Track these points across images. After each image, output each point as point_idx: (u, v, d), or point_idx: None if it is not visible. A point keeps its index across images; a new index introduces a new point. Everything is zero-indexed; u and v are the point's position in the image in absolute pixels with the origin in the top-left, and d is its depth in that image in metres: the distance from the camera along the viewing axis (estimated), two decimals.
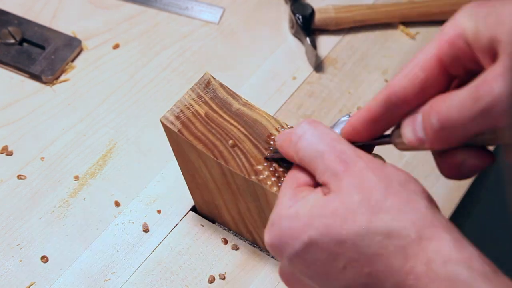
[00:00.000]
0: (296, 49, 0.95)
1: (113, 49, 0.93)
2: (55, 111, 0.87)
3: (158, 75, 0.91)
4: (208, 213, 0.77)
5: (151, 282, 0.73)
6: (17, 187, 0.80)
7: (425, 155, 0.84)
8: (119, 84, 0.90)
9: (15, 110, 0.87)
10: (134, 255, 0.75)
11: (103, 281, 0.73)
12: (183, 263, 0.75)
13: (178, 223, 0.78)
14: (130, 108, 0.88)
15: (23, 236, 0.76)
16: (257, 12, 0.98)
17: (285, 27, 0.96)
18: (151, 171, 0.82)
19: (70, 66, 0.91)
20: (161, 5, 0.98)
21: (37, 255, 0.75)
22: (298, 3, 0.95)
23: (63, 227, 0.77)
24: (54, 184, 0.80)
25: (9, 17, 0.93)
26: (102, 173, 0.82)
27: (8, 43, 0.91)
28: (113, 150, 0.84)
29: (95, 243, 0.76)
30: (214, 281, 0.73)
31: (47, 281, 0.73)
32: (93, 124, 0.86)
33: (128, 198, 0.80)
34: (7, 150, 0.83)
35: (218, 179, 0.68)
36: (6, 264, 0.74)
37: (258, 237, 0.74)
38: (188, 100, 0.67)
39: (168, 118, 0.66)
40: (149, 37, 0.95)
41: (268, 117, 0.66)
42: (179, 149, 0.69)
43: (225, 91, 0.68)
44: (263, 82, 0.91)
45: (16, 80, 0.90)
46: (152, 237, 0.77)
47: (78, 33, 0.94)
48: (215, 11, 0.98)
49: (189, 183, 0.74)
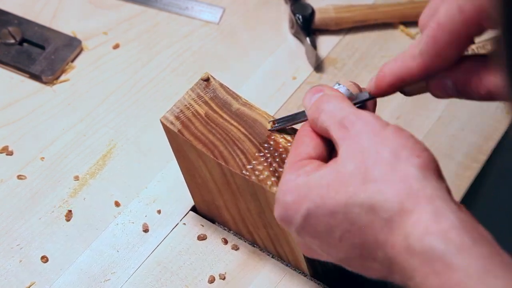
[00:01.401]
0: (296, 49, 0.94)
1: (113, 49, 0.93)
2: (55, 111, 0.87)
3: (158, 75, 0.91)
4: (208, 213, 0.77)
5: (151, 282, 0.73)
6: (17, 187, 0.80)
7: None
8: (119, 84, 0.90)
9: (15, 110, 0.87)
10: (134, 255, 0.75)
11: (103, 281, 0.73)
12: (183, 263, 0.75)
13: (178, 223, 0.78)
14: (130, 108, 0.88)
15: (23, 236, 0.76)
16: (257, 12, 0.98)
17: (285, 27, 0.96)
18: (151, 171, 0.82)
19: (70, 66, 0.91)
20: (161, 5, 0.98)
21: (37, 255, 0.75)
22: (298, 3, 0.95)
23: (63, 227, 0.77)
24: (54, 184, 0.80)
25: (9, 17, 0.93)
26: (102, 173, 0.82)
27: (8, 43, 0.91)
28: (113, 150, 0.84)
29: (95, 243, 0.76)
30: (214, 281, 0.73)
31: (47, 281, 0.73)
32: (93, 124, 0.86)
33: (128, 198, 0.80)
34: (7, 150, 0.83)
35: (218, 179, 0.68)
36: (6, 264, 0.74)
37: (258, 237, 0.74)
38: (188, 100, 0.67)
39: (168, 118, 0.66)
40: (149, 37, 0.95)
41: (268, 117, 0.66)
42: (179, 149, 0.69)
43: (225, 91, 0.68)
44: (263, 82, 0.91)
45: (16, 80, 0.90)
46: (152, 237, 0.77)
47: (78, 33, 0.94)
48: (215, 11, 0.98)
49: (189, 183, 0.74)
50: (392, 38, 0.97)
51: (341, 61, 0.94)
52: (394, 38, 0.97)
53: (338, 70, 0.93)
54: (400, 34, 0.97)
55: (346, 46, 0.95)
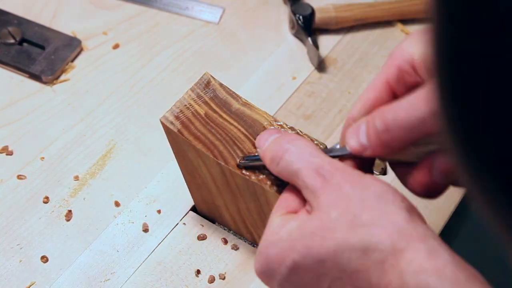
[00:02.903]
0: (296, 49, 0.94)
1: (113, 49, 0.93)
2: (55, 111, 0.87)
3: (158, 75, 0.91)
4: (208, 213, 0.77)
5: (151, 282, 0.73)
6: (17, 187, 0.80)
7: None
8: (119, 84, 0.90)
9: (15, 110, 0.87)
10: (134, 255, 0.75)
11: (103, 281, 0.73)
12: (183, 263, 0.75)
13: (178, 223, 0.78)
14: (130, 108, 0.88)
15: (23, 236, 0.76)
16: (257, 12, 0.98)
17: (285, 27, 0.96)
18: (151, 171, 0.82)
19: (70, 66, 0.91)
20: (161, 5, 0.98)
21: (37, 255, 0.75)
22: (298, 3, 0.95)
23: (63, 227, 0.77)
24: (54, 184, 0.80)
25: (9, 17, 0.93)
26: (102, 173, 0.82)
27: (8, 43, 0.91)
28: (113, 150, 0.84)
29: (95, 243, 0.76)
30: (214, 281, 0.73)
31: (47, 281, 0.73)
32: (93, 124, 0.86)
33: (128, 198, 0.80)
34: (7, 150, 0.83)
35: (218, 179, 0.68)
36: (6, 264, 0.74)
37: (258, 237, 0.74)
38: (188, 100, 0.67)
39: (168, 118, 0.66)
40: (149, 37, 0.95)
41: (268, 117, 0.66)
42: (179, 149, 0.69)
43: (225, 91, 0.68)
44: (263, 82, 0.91)
45: (16, 80, 0.90)
46: (152, 237, 0.77)
47: (78, 33, 0.94)
48: (215, 11, 0.98)
49: (189, 183, 0.74)
50: (392, 38, 0.97)
51: (341, 61, 0.94)
52: (394, 37, 0.97)
53: (338, 70, 0.93)
54: (400, 34, 0.97)
55: (346, 46, 0.95)
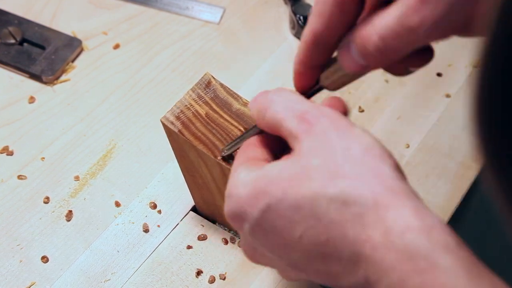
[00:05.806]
0: (296, 49, 0.94)
1: (113, 49, 0.93)
2: (55, 111, 0.87)
3: (158, 75, 0.91)
4: (208, 213, 0.78)
5: (151, 282, 0.73)
6: (17, 187, 0.80)
7: (425, 155, 0.84)
8: (119, 84, 0.90)
9: (15, 110, 0.87)
10: (134, 255, 0.75)
11: (103, 281, 0.73)
12: (183, 263, 0.75)
13: (178, 223, 0.78)
14: (130, 108, 0.88)
15: (23, 236, 0.76)
16: (257, 12, 0.98)
17: (285, 27, 0.97)
18: (151, 171, 0.82)
19: (70, 66, 0.91)
20: (161, 5, 0.98)
21: (37, 255, 0.75)
22: (298, 3, 0.95)
23: (64, 227, 0.77)
24: (54, 184, 0.80)
25: (9, 17, 0.93)
26: (102, 173, 0.82)
27: (8, 43, 0.91)
28: (113, 150, 0.84)
29: (95, 243, 0.76)
30: (214, 281, 0.73)
31: (47, 281, 0.73)
32: (93, 124, 0.86)
33: (128, 198, 0.80)
34: (7, 150, 0.83)
35: (219, 179, 0.68)
36: (6, 264, 0.74)
37: None
38: (188, 100, 0.67)
39: (168, 118, 0.66)
40: (149, 37, 0.95)
41: None
42: (179, 149, 0.69)
43: (225, 91, 0.68)
44: (263, 82, 0.91)
45: (16, 80, 0.90)
46: (152, 237, 0.77)
47: (78, 33, 0.94)
48: (215, 11, 0.98)
49: (189, 183, 0.74)
50: None
51: None
52: None
53: None
54: None
55: None
